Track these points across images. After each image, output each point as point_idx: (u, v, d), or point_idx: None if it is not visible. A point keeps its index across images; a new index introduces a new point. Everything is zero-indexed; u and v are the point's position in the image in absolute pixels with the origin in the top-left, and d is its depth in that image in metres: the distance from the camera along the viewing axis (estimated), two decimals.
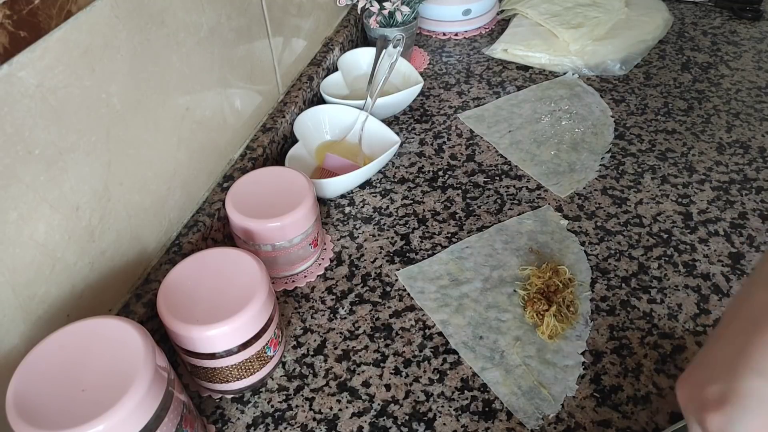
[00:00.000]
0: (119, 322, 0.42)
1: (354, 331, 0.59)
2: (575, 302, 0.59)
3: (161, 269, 0.57)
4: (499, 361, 0.55)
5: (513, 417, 0.51)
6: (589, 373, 0.54)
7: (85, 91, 0.46)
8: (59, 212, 0.45)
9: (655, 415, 0.51)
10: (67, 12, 0.42)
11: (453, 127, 0.84)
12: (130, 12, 0.49)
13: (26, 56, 0.40)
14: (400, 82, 0.88)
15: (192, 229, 0.61)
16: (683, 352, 0.55)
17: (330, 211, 0.72)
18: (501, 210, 0.71)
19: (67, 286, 0.47)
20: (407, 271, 0.64)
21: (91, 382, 0.38)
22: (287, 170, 0.63)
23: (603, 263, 0.64)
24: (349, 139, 0.79)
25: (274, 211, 0.58)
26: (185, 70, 0.58)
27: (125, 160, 0.52)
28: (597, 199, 0.71)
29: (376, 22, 0.91)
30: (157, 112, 0.55)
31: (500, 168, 0.76)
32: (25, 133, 0.41)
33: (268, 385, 0.55)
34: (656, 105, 0.85)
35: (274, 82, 0.78)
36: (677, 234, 0.66)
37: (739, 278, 0.61)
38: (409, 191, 0.74)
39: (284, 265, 0.62)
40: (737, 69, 0.92)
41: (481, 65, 0.96)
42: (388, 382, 0.54)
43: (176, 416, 0.42)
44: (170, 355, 0.52)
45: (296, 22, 0.80)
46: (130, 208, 0.53)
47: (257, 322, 0.49)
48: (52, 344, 0.41)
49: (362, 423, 0.51)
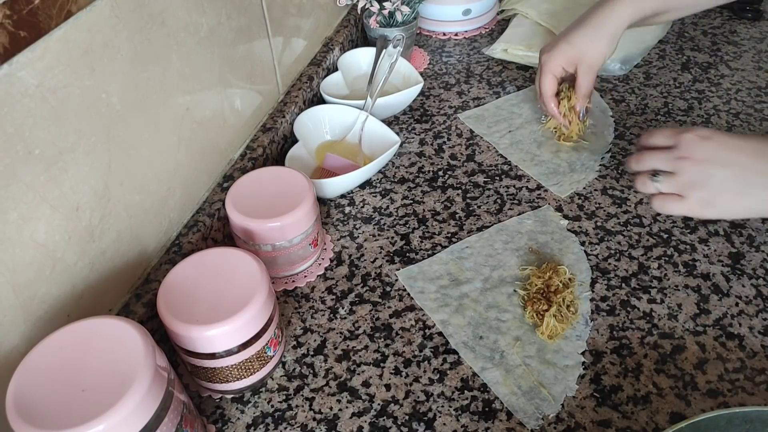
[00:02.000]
0: (119, 322, 0.42)
1: (354, 331, 0.59)
2: (575, 302, 0.59)
3: (161, 269, 0.57)
4: (499, 361, 0.55)
5: (513, 417, 0.51)
6: (589, 373, 0.54)
7: (85, 91, 0.46)
8: (59, 212, 0.45)
9: (655, 415, 0.51)
10: (67, 12, 0.42)
11: (453, 127, 0.84)
12: (130, 12, 0.49)
13: (26, 56, 0.40)
14: (400, 82, 0.88)
15: (192, 229, 0.61)
16: (683, 352, 0.55)
17: (330, 211, 0.72)
18: (501, 210, 0.71)
19: (68, 286, 0.47)
20: (407, 271, 0.64)
21: (91, 382, 0.38)
22: (287, 170, 0.63)
23: (603, 263, 0.64)
24: (349, 139, 0.79)
25: (274, 211, 0.58)
26: (185, 69, 0.58)
27: (125, 160, 0.52)
28: (597, 199, 0.71)
29: (376, 22, 0.91)
30: (158, 112, 0.55)
31: (500, 168, 0.76)
32: (25, 133, 0.41)
33: (268, 385, 0.55)
34: (656, 105, 0.85)
35: (274, 82, 0.78)
36: (677, 234, 0.66)
37: (739, 278, 0.61)
38: (409, 191, 0.74)
39: (284, 265, 0.62)
40: (737, 69, 0.92)
41: (481, 65, 0.96)
42: (388, 382, 0.54)
43: (176, 416, 0.42)
44: (170, 355, 0.52)
45: (296, 22, 0.80)
46: (130, 208, 0.53)
47: (257, 322, 0.49)
48: (52, 344, 0.41)
49: (362, 423, 0.51)
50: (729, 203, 0.56)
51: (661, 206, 0.59)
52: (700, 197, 0.56)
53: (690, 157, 0.56)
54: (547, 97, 0.75)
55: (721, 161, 0.55)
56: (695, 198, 0.56)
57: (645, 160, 0.60)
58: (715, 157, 0.56)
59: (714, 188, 0.56)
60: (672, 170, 0.57)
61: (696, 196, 0.56)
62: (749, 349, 0.55)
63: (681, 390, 0.52)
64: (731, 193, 0.55)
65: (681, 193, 0.57)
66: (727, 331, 0.57)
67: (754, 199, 0.55)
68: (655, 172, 0.58)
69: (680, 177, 0.57)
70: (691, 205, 0.57)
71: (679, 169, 0.57)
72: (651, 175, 0.59)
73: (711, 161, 0.56)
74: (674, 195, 0.58)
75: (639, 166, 0.60)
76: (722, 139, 0.56)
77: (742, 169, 0.55)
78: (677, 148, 0.57)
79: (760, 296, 0.60)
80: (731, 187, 0.55)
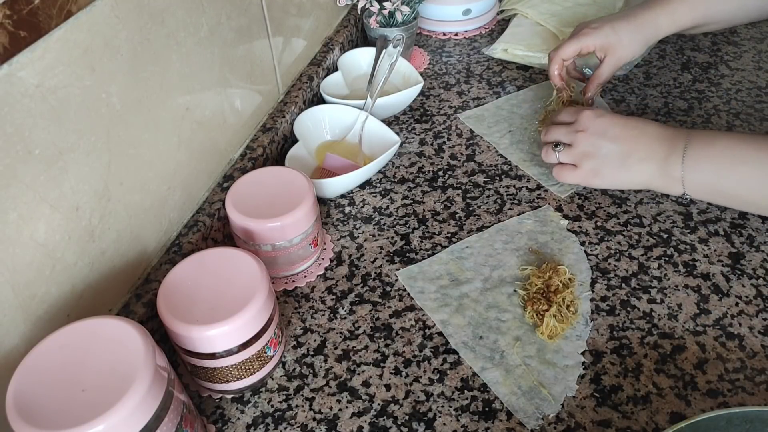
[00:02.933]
0: (119, 322, 0.42)
1: (354, 331, 0.59)
2: (575, 302, 0.59)
3: (161, 269, 0.57)
4: (499, 361, 0.55)
5: (513, 417, 0.51)
6: (589, 373, 0.54)
7: (85, 91, 0.46)
8: (59, 212, 0.45)
9: (655, 415, 0.51)
10: (67, 12, 0.42)
11: (453, 127, 0.84)
12: (130, 12, 0.49)
13: (26, 56, 0.40)
14: (400, 82, 0.88)
15: (192, 229, 0.61)
16: (683, 352, 0.55)
17: (330, 211, 0.72)
18: (501, 210, 0.71)
19: (67, 286, 0.47)
20: (407, 271, 0.64)
21: (91, 382, 0.38)
22: (287, 170, 0.63)
23: (603, 263, 0.64)
24: (349, 139, 0.79)
25: (274, 211, 0.58)
26: (185, 69, 0.58)
27: (125, 160, 0.52)
28: (597, 199, 0.71)
29: (376, 22, 0.91)
30: (157, 112, 0.55)
31: (500, 168, 0.76)
32: (25, 133, 0.41)
33: (268, 385, 0.55)
34: (656, 105, 0.85)
35: (274, 82, 0.78)
36: (677, 234, 0.66)
37: (739, 278, 0.61)
38: (409, 191, 0.74)
39: (284, 265, 0.62)
40: (737, 69, 0.92)
41: (481, 65, 0.96)
42: (388, 382, 0.54)
43: (176, 416, 0.42)
44: (170, 355, 0.52)
45: (296, 21, 0.80)
46: (130, 208, 0.53)
47: (257, 322, 0.49)
48: (52, 344, 0.41)
49: (362, 423, 0.51)
50: (612, 174, 0.65)
51: (558, 174, 0.68)
52: (591, 167, 0.65)
53: (585, 131, 0.65)
54: (559, 57, 0.77)
55: (609, 136, 0.64)
56: (587, 167, 0.65)
57: (550, 132, 0.69)
58: (606, 132, 0.64)
59: (602, 159, 0.64)
60: (570, 142, 0.66)
61: (587, 166, 0.65)
62: (749, 349, 0.55)
63: (681, 390, 0.52)
64: (615, 164, 0.64)
65: (575, 163, 0.66)
66: (727, 331, 0.57)
67: (630, 172, 0.64)
68: (557, 144, 0.67)
69: (576, 148, 0.65)
70: (584, 174, 0.66)
71: (576, 141, 0.65)
72: (553, 146, 0.67)
73: (602, 135, 0.64)
74: (570, 165, 0.66)
75: (545, 138, 0.69)
76: (613, 117, 0.65)
77: (624, 144, 0.63)
78: (576, 122, 0.66)
79: (760, 296, 0.60)
80: (615, 159, 0.64)
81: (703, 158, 0.61)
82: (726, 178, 0.61)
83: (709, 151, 0.61)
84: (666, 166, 0.62)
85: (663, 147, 0.62)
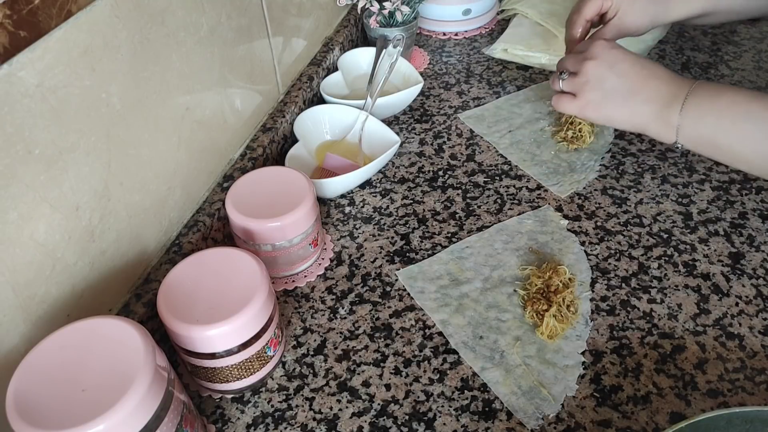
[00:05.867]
0: (119, 322, 0.42)
1: (354, 331, 0.59)
2: (575, 302, 0.59)
3: (161, 269, 0.57)
4: (499, 361, 0.55)
5: (513, 417, 0.51)
6: (589, 373, 0.54)
7: (85, 91, 0.46)
8: (59, 212, 0.45)
9: (655, 415, 0.51)
10: (67, 12, 0.42)
11: (453, 127, 0.84)
12: (130, 12, 0.49)
13: (26, 56, 0.40)
14: (400, 82, 0.88)
15: (192, 229, 0.61)
16: (683, 352, 0.55)
17: (330, 211, 0.72)
18: (501, 210, 0.71)
19: (68, 286, 0.47)
20: (407, 271, 0.64)
21: (91, 382, 0.38)
22: (287, 170, 0.63)
23: (603, 263, 0.64)
24: (349, 139, 0.79)
25: (274, 211, 0.58)
26: (185, 69, 0.58)
27: (125, 160, 0.52)
28: (597, 199, 0.71)
29: (376, 22, 0.91)
30: (157, 111, 0.55)
31: (500, 168, 0.76)
32: (25, 133, 0.41)
33: (268, 385, 0.55)
34: None
35: (274, 81, 0.78)
36: (677, 234, 0.66)
37: (739, 278, 0.61)
38: (409, 191, 0.74)
39: (284, 265, 0.62)
40: (737, 69, 0.92)
41: (481, 65, 0.96)
42: (388, 382, 0.54)
43: (176, 416, 0.42)
44: (170, 355, 0.52)
45: (296, 21, 0.80)
46: (130, 207, 0.53)
47: (257, 322, 0.49)
48: (52, 344, 0.41)
49: (362, 423, 0.51)
50: (611, 109, 0.63)
51: (556, 103, 0.67)
52: (591, 99, 0.63)
53: (594, 59, 0.63)
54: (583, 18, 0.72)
55: (617, 70, 0.62)
56: (586, 98, 0.63)
57: (563, 61, 0.67)
58: (615, 65, 0.62)
59: (604, 92, 0.62)
60: (576, 71, 0.64)
61: (587, 97, 0.63)
62: (749, 349, 0.55)
63: (681, 390, 0.52)
64: (617, 100, 0.62)
65: (575, 92, 0.64)
66: (727, 331, 0.57)
67: (630, 111, 0.62)
68: (563, 72, 0.66)
69: (580, 77, 0.64)
70: (582, 105, 0.64)
71: (582, 70, 0.63)
72: (560, 74, 0.66)
73: (610, 67, 0.62)
74: (570, 95, 0.65)
75: (558, 67, 0.68)
76: (627, 53, 0.63)
77: (631, 81, 0.61)
78: (588, 50, 0.64)
79: (760, 296, 0.60)
80: (618, 95, 0.62)
81: (706, 109, 0.59)
82: (726, 131, 0.58)
83: (713, 103, 0.59)
84: (665, 110, 0.61)
85: (669, 92, 0.61)
